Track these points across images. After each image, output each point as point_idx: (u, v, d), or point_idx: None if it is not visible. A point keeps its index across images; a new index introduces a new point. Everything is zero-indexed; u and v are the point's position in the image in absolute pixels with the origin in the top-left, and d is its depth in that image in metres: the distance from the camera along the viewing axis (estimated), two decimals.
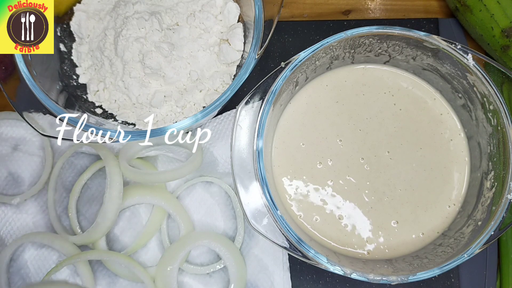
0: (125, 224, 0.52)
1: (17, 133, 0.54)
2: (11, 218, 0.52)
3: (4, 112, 0.55)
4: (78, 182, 0.52)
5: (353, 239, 0.46)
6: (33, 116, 0.44)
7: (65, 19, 0.51)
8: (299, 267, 0.51)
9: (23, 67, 0.43)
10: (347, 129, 0.48)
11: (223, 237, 0.50)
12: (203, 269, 0.50)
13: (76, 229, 0.51)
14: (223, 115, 0.53)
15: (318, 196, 0.47)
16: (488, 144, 0.44)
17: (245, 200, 0.42)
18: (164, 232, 0.51)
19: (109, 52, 0.50)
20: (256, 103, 0.43)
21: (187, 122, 0.43)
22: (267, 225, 0.41)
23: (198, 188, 0.53)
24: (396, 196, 0.46)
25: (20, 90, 0.44)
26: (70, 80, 0.51)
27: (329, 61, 0.47)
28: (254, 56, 0.45)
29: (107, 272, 0.51)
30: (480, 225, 0.41)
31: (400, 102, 0.49)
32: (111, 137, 0.43)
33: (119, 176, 0.50)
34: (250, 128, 0.43)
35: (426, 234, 0.46)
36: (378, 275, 0.40)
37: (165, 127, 0.44)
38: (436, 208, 0.46)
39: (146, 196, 0.51)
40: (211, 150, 0.52)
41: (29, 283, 0.50)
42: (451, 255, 0.41)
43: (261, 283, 0.50)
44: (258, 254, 0.51)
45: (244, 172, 0.42)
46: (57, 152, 0.54)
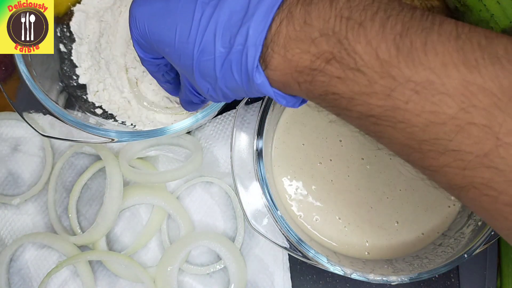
0: (125, 224, 0.52)
1: (17, 133, 0.54)
2: (11, 219, 0.52)
3: (4, 112, 0.55)
4: (78, 183, 0.52)
5: (353, 239, 0.46)
6: (33, 116, 0.44)
7: (65, 19, 0.51)
8: (299, 267, 0.51)
9: (23, 68, 0.43)
10: (347, 129, 0.48)
11: (223, 237, 0.50)
12: (203, 269, 0.50)
13: (76, 229, 0.51)
14: (223, 115, 0.53)
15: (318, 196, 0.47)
16: None
17: (245, 200, 0.42)
18: (164, 232, 0.51)
19: (106, 53, 0.50)
20: (256, 103, 0.43)
21: (188, 123, 0.43)
22: (267, 225, 0.41)
23: (198, 188, 0.53)
24: (396, 196, 0.46)
25: (20, 90, 0.44)
26: (70, 80, 0.51)
27: None
28: None
29: (107, 272, 0.51)
30: (480, 225, 0.41)
31: None
32: (112, 138, 0.43)
33: (119, 177, 0.50)
34: (250, 129, 0.43)
35: (426, 234, 0.46)
36: (378, 275, 0.40)
37: (165, 128, 0.43)
38: (436, 208, 0.46)
39: (146, 196, 0.51)
40: (211, 150, 0.52)
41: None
42: (451, 255, 0.41)
43: (261, 283, 0.50)
44: (258, 254, 0.51)
45: (244, 172, 0.42)
46: (57, 153, 0.54)
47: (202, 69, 0.31)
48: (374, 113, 0.26)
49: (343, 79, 0.26)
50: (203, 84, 0.33)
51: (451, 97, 0.23)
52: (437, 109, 0.24)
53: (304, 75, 0.28)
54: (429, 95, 0.24)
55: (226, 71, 0.30)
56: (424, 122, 0.24)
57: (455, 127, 0.23)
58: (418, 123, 0.24)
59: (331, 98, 0.27)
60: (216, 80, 0.31)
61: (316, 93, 0.28)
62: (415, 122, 0.24)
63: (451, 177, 0.25)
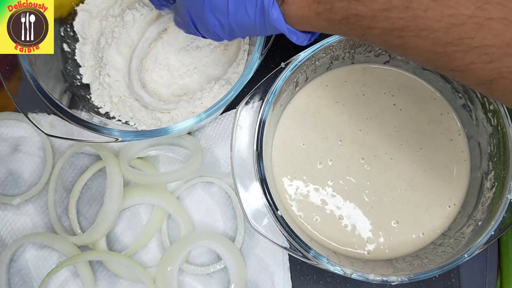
0: (125, 224, 0.52)
1: (17, 133, 0.54)
2: (11, 219, 0.52)
3: (4, 112, 0.55)
4: (78, 183, 0.52)
5: (353, 239, 0.46)
6: (37, 116, 0.44)
7: (68, 19, 0.52)
8: (300, 267, 0.51)
9: (27, 67, 0.43)
10: (347, 129, 0.48)
11: (223, 237, 0.50)
12: (204, 269, 0.50)
13: (76, 229, 0.51)
14: (223, 115, 0.53)
15: (318, 196, 0.47)
16: (488, 144, 0.44)
17: (245, 200, 0.42)
18: (164, 232, 0.51)
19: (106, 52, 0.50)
20: (256, 103, 0.43)
21: (191, 122, 0.43)
22: (267, 225, 0.41)
23: (198, 189, 0.53)
24: (396, 196, 0.46)
25: (24, 90, 0.44)
26: (74, 80, 0.51)
27: (329, 61, 0.47)
28: (258, 56, 0.45)
29: (108, 272, 0.51)
30: (480, 225, 0.41)
31: (400, 102, 0.49)
32: (116, 137, 0.43)
33: (120, 177, 0.50)
34: (250, 128, 0.43)
35: (426, 234, 0.46)
36: (379, 275, 0.40)
37: (169, 127, 0.43)
38: (436, 208, 0.46)
39: (146, 196, 0.51)
40: (211, 151, 0.52)
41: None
42: (451, 255, 0.41)
43: (262, 283, 0.50)
44: (258, 254, 0.51)
45: (244, 172, 0.42)
46: (57, 153, 0.54)
47: (213, 3, 0.32)
48: (396, 26, 0.27)
49: (362, 0, 0.28)
50: (211, 19, 0.34)
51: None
52: (455, 12, 0.25)
53: (323, 4, 0.29)
54: (445, 0, 0.25)
55: (239, 6, 0.32)
56: (445, 25, 0.26)
57: (475, 25, 0.25)
58: (440, 27, 0.26)
59: (354, 20, 0.29)
60: (227, 15, 0.32)
61: (337, 19, 0.29)
62: (437, 27, 0.26)
63: (479, 72, 0.26)
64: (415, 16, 0.26)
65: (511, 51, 0.25)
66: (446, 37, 0.26)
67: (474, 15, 0.25)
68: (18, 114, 0.54)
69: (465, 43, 0.26)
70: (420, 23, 0.26)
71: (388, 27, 0.28)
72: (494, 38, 0.25)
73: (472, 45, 0.26)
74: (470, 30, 0.25)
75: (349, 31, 0.30)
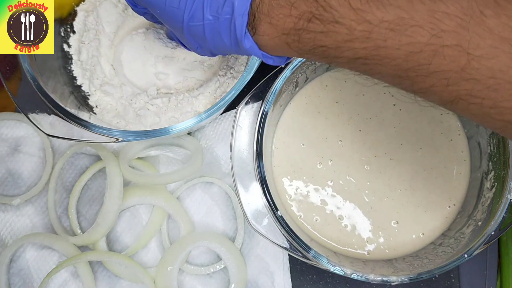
0: (125, 224, 0.52)
1: (17, 133, 0.54)
2: (11, 219, 0.52)
3: (4, 112, 0.55)
4: (78, 183, 0.52)
5: (353, 239, 0.46)
6: (37, 116, 0.44)
7: (68, 19, 0.52)
8: (300, 268, 0.51)
9: (27, 67, 0.43)
10: (347, 129, 0.48)
11: (223, 237, 0.50)
12: (204, 269, 0.50)
13: (76, 229, 0.51)
14: (223, 115, 0.53)
15: (318, 197, 0.47)
16: (488, 144, 0.44)
17: (245, 200, 0.42)
18: (164, 232, 0.51)
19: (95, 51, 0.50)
20: (256, 104, 0.43)
21: (191, 122, 0.43)
22: (267, 225, 0.41)
23: (198, 189, 0.53)
24: (396, 196, 0.46)
25: (24, 90, 0.44)
26: (74, 80, 0.51)
27: None
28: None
29: (108, 272, 0.51)
30: (480, 225, 0.41)
31: (400, 102, 0.49)
32: (116, 137, 0.43)
33: (119, 177, 0.50)
34: (250, 129, 0.43)
35: (426, 234, 0.46)
36: (379, 275, 0.40)
37: (169, 127, 0.43)
38: (436, 208, 0.46)
39: (146, 196, 0.51)
40: (211, 151, 0.52)
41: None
42: (451, 255, 0.41)
43: (262, 283, 0.50)
44: (258, 254, 0.51)
45: (244, 173, 0.42)
46: (57, 153, 0.54)
47: (192, 31, 0.34)
48: (360, 55, 0.29)
49: (326, 33, 0.29)
50: (192, 42, 0.36)
51: (422, 27, 0.26)
52: (412, 40, 0.27)
53: (291, 36, 0.31)
54: (402, 30, 0.27)
55: (215, 35, 0.34)
56: (404, 53, 0.27)
57: (431, 52, 0.27)
58: (400, 55, 0.28)
59: (320, 51, 0.31)
60: (205, 41, 0.35)
61: (306, 49, 0.31)
62: (397, 55, 0.28)
63: (440, 94, 0.28)
64: (376, 46, 0.28)
65: (466, 75, 0.26)
66: (407, 63, 0.28)
67: (430, 43, 0.26)
68: (18, 114, 0.54)
69: (424, 68, 0.27)
70: (382, 52, 0.28)
71: (353, 57, 0.29)
72: (450, 64, 0.26)
73: (430, 70, 0.27)
74: (427, 56, 0.27)
75: (319, 59, 0.32)
